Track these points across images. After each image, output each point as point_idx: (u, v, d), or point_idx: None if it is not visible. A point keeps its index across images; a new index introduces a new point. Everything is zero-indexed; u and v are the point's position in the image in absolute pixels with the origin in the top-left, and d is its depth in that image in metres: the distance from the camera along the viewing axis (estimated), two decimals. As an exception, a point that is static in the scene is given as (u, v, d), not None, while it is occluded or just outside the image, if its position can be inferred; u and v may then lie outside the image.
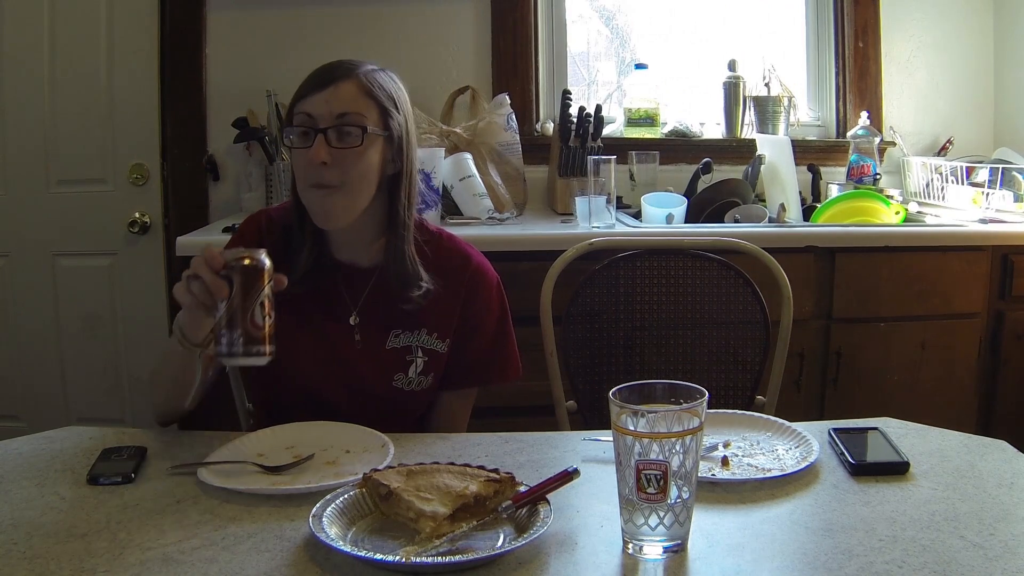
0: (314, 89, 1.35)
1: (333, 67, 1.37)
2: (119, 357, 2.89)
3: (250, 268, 1.08)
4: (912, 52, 3.02)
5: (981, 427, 2.44)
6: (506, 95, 2.75)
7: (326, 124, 1.33)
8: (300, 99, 1.36)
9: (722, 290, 1.80)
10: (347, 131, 1.34)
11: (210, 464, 1.16)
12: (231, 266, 1.08)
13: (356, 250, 1.44)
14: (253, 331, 1.07)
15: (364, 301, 1.44)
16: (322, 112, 1.34)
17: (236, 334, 1.07)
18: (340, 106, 1.34)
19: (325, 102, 1.34)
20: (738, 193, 2.66)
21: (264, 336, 1.08)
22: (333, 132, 1.33)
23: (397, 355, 1.44)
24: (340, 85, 1.35)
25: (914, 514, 1.04)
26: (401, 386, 1.44)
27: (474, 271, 1.49)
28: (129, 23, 2.78)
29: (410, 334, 1.44)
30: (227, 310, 1.07)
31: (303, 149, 1.34)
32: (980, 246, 2.41)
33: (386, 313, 1.43)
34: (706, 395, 0.96)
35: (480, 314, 1.48)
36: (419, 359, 1.44)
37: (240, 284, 1.08)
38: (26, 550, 0.96)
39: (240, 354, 1.07)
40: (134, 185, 2.84)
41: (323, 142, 1.33)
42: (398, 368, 1.44)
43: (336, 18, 2.82)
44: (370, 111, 1.36)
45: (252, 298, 1.07)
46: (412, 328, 1.44)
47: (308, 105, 1.35)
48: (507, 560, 0.94)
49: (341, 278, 1.44)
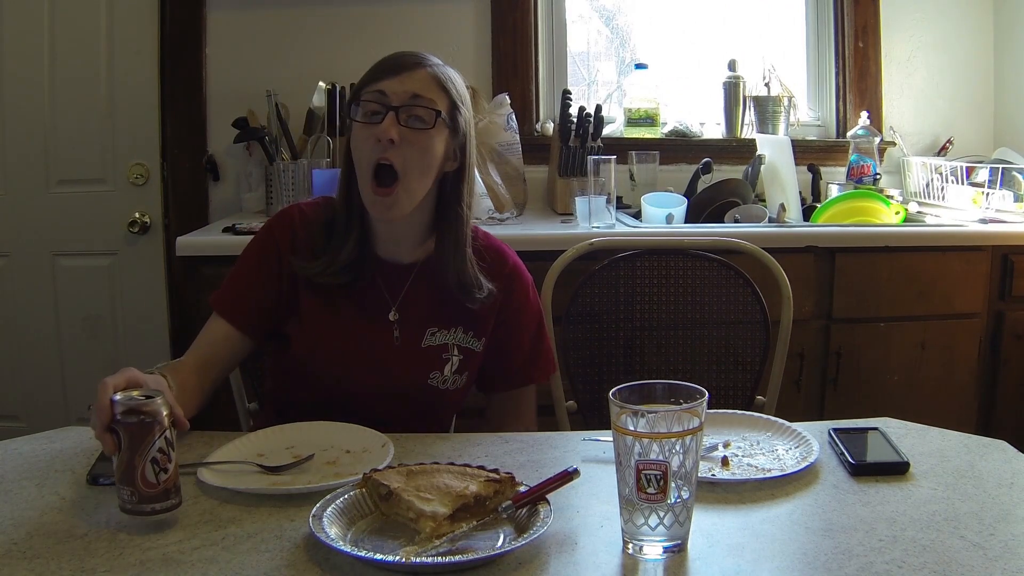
0: (389, 72, 1.34)
1: (407, 55, 1.38)
2: (119, 357, 2.89)
3: (136, 426, 0.99)
4: (912, 52, 3.02)
5: (981, 427, 2.44)
6: (506, 95, 2.75)
7: (399, 102, 1.32)
8: (372, 81, 1.35)
9: (722, 290, 1.80)
10: (419, 113, 1.33)
11: (210, 464, 1.16)
12: (117, 421, 1.00)
13: (400, 247, 1.43)
14: (144, 489, 0.99)
15: (404, 297, 1.43)
16: (396, 91, 1.32)
17: (127, 491, 1.00)
18: (416, 88, 1.33)
19: (400, 82, 1.33)
20: (738, 193, 2.66)
21: (158, 493, 1.00)
22: (404, 112, 1.32)
23: (434, 353, 1.43)
24: (416, 71, 1.35)
25: (914, 514, 1.04)
26: (436, 384, 1.43)
27: (511, 270, 1.48)
28: (129, 23, 2.78)
29: (447, 332, 1.43)
30: (117, 465, 1.01)
31: (370, 124, 1.33)
32: (980, 246, 2.41)
33: (424, 310, 1.43)
34: (706, 395, 0.96)
35: (519, 314, 1.48)
36: (455, 357, 1.43)
37: (128, 442, 1.00)
38: (26, 550, 0.96)
39: (134, 512, 1.00)
40: (134, 185, 2.84)
41: (394, 120, 1.31)
42: (434, 366, 1.43)
43: (336, 18, 2.82)
44: (442, 101, 1.35)
45: (142, 455, 0.99)
46: (449, 326, 1.43)
47: (381, 84, 1.33)
48: (507, 560, 0.94)
49: (380, 274, 1.43)
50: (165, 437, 1.01)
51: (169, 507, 1.01)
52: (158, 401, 1.02)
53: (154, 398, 1.02)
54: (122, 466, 1.00)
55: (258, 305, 1.42)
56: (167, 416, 1.02)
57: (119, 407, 1.00)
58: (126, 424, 1.00)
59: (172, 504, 1.02)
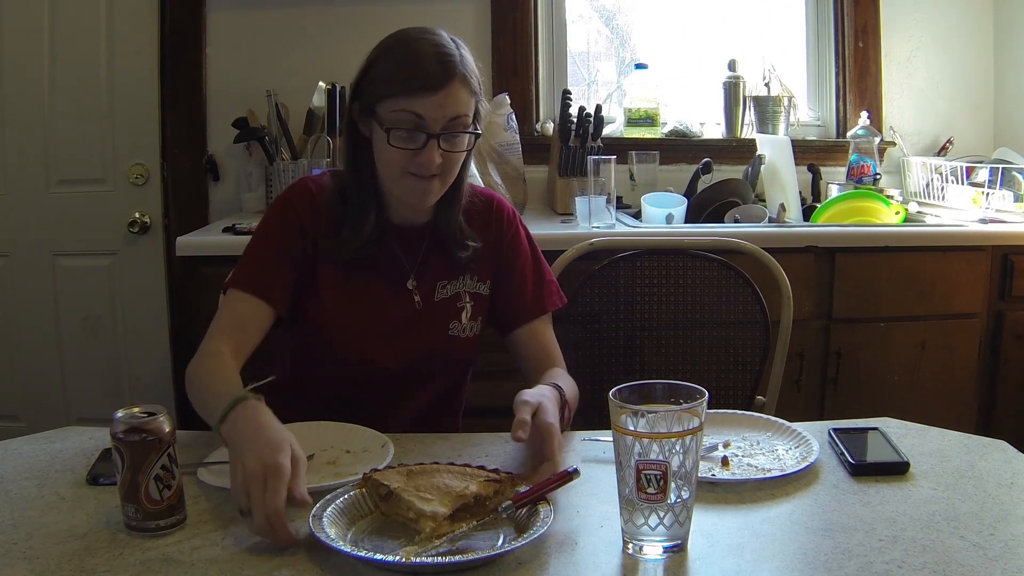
0: (426, 90, 1.30)
1: (441, 64, 1.32)
2: (119, 357, 2.89)
3: (138, 444, 1.00)
4: (912, 52, 3.02)
5: (981, 427, 2.44)
6: (506, 95, 2.75)
7: (439, 129, 1.32)
8: (404, 95, 1.31)
9: (722, 290, 1.80)
10: (458, 135, 1.34)
11: (210, 464, 1.16)
12: (119, 439, 1.00)
13: (414, 212, 1.44)
14: (149, 507, 1.00)
15: (420, 261, 1.46)
16: (435, 116, 1.31)
17: (132, 509, 1.00)
18: (454, 110, 1.32)
19: (439, 106, 1.31)
20: (738, 193, 2.66)
21: (163, 509, 1.01)
22: (445, 138, 1.33)
23: (448, 304, 1.47)
24: (452, 88, 1.31)
25: (914, 514, 1.04)
26: (456, 333, 1.47)
27: (497, 210, 1.52)
28: (129, 23, 2.78)
29: (456, 281, 1.47)
30: (120, 483, 1.01)
31: (407, 151, 1.32)
32: (980, 246, 2.41)
33: (435, 268, 1.46)
34: (706, 395, 0.96)
35: (515, 250, 1.52)
36: (468, 304, 1.48)
37: (130, 460, 1.00)
38: (26, 550, 0.96)
39: (139, 529, 1.01)
40: (134, 185, 2.84)
41: (435, 146, 1.32)
42: (452, 316, 1.47)
43: (336, 18, 2.83)
44: (472, 108, 1.36)
45: (145, 473, 1.00)
46: (456, 275, 1.47)
47: (418, 106, 1.31)
48: (507, 560, 0.94)
49: (396, 241, 1.45)
50: (168, 454, 1.02)
51: (174, 523, 1.02)
52: (160, 419, 1.02)
53: (156, 415, 1.02)
54: (125, 484, 1.01)
55: (283, 278, 1.39)
56: (169, 433, 1.02)
57: (120, 425, 1.00)
58: (128, 442, 1.00)
59: (177, 520, 1.02)
